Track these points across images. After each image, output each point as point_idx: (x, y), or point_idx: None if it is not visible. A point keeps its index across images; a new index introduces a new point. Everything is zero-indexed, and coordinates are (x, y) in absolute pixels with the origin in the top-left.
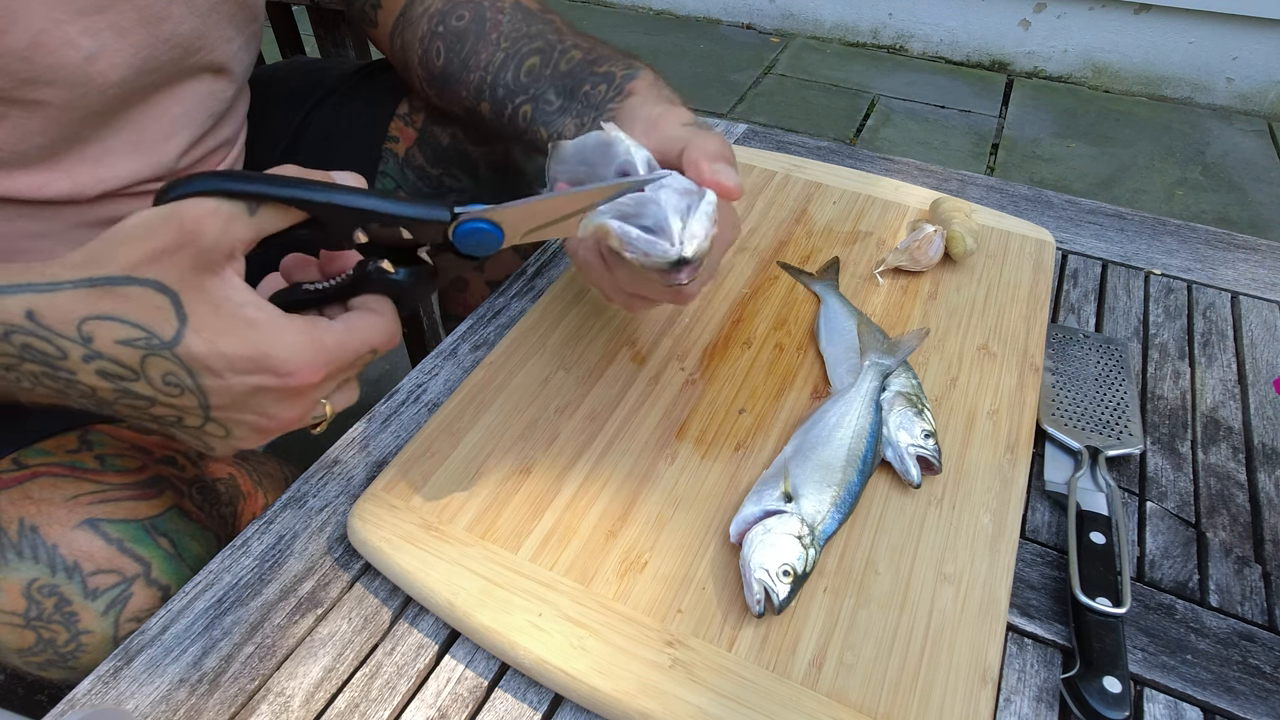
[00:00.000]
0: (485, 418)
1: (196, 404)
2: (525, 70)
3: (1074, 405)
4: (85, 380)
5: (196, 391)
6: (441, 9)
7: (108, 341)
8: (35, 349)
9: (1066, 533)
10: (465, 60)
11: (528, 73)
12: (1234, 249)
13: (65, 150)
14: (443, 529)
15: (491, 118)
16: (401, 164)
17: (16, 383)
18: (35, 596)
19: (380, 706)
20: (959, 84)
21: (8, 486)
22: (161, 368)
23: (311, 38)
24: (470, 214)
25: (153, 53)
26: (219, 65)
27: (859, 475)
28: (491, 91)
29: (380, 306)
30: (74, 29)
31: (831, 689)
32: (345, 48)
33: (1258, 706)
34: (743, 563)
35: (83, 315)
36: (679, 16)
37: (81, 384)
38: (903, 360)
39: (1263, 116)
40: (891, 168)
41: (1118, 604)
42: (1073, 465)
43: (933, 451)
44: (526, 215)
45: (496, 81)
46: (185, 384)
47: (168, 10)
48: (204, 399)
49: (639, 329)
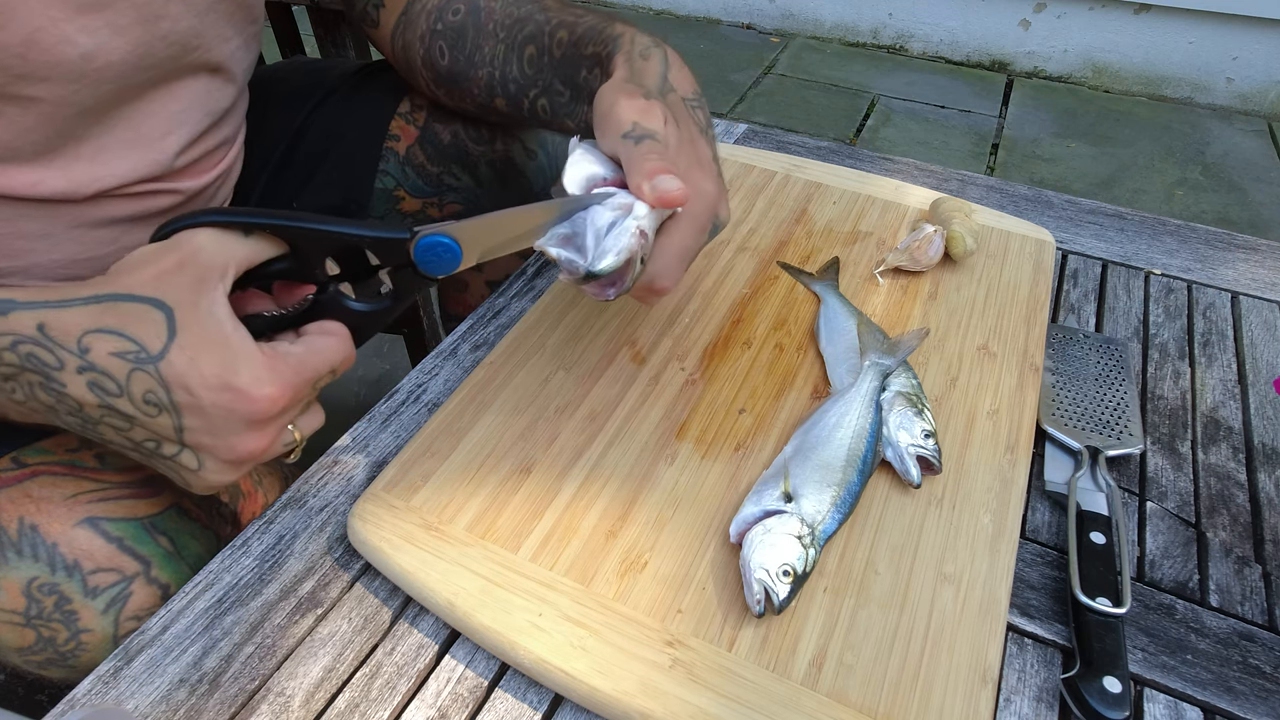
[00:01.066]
0: (485, 418)
1: (171, 426)
2: (527, 60)
3: (1074, 405)
4: (75, 392)
5: (172, 410)
6: (438, 5)
7: (102, 353)
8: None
9: (1066, 533)
10: (470, 57)
11: (530, 63)
12: (1234, 249)
13: (61, 147)
14: (443, 529)
15: (511, 112)
16: (402, 162)
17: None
18: (35, 595)
19: (380, 706)
20: (959, 84)
21: (7, 485)
22: (144, 384)
23: (311, 38)
24: (428, 229)
25: (149, 50)
26: (216, 64)
27: (859, 475)
28: (503, 88)
29: (335, 329)
30: (71, 27)
31: (831, 689)
32: (345, 48)
33: (1258, 706)
34: (743, 563)
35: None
36: (679, 16)
37: (71, 398)
38: (903, 360)
39: (1263, 116)
40: (891, 168)
41: (1118, 604)
42: (1073, 465)
43: (933, 451)
44: (481, 230)
45: (505, 77)
46: (162, 402)
47: (165, 8)
48: (178, 419)
49: (639, 329)
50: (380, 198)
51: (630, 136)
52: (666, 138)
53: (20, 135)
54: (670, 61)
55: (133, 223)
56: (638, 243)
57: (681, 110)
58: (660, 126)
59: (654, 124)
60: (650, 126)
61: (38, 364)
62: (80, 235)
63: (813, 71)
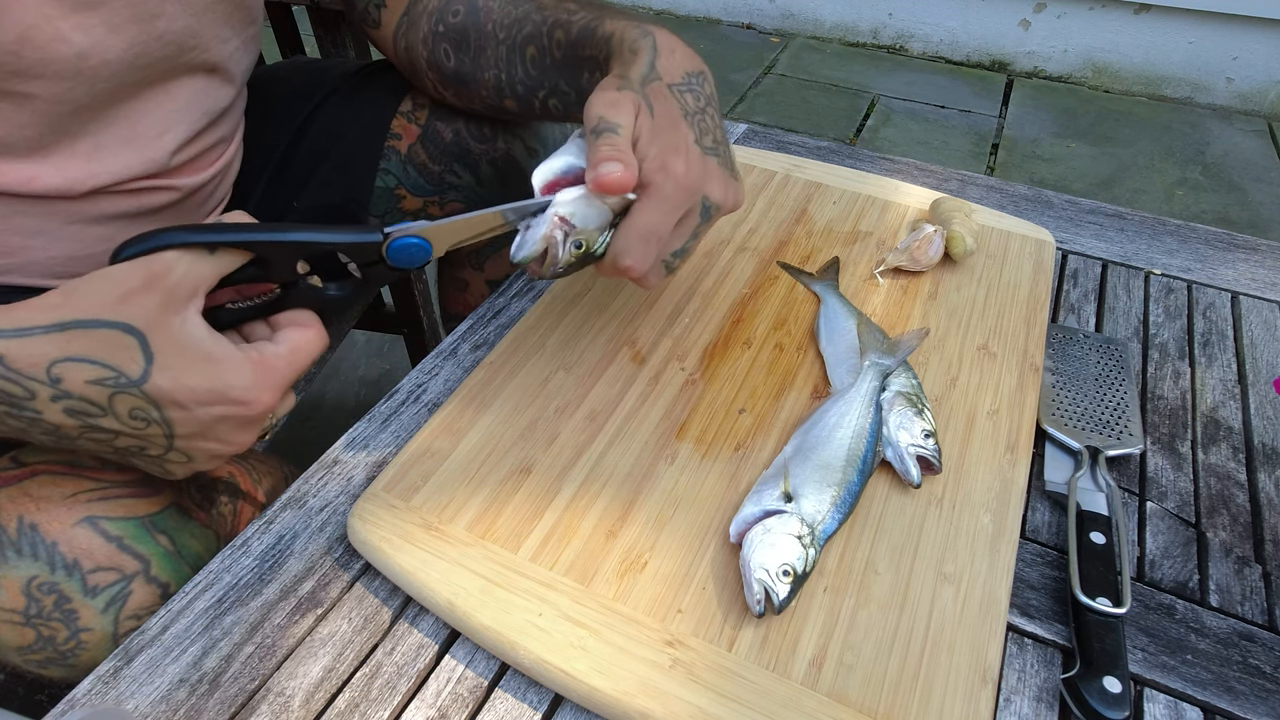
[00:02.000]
0: (485, 418)
1: (162, 434)
2: (530, 61)
3: (1074, 405)
4: (51, 419)
5: (163, 423)
6: (439, 6)
7: (78, 382)
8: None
9: (1066, 533)
10: (475, 59)
11: (533, 63)
12: (1234, 249)
13: (55, 143)
14: (443, 529)
15: (523, 111)
16: (404, 161)
17: None
18: (35, 594)
19: (380, 706)
20: (959, 84)
21: (7, 484)
22: (129, 404)
23: (311, 38)
24: (400, 231)
25: (145, 49)
26: (214, 65)
27: (859, 475)
28: (511, 89)
29: (308, 320)
30: (66, 25)
31: (831, 689)
32: (345, 48)
33: (1258, 706)
34: (743, 563)
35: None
36: (679, 16)
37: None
38: (903, 360)
39: (1263, 116)
40: (891, 168)
41: (1118, 604)
42: (1073, 465)
43: (933, 451)
44: (449, 230)
45: (512, 78)
46: (152, 417)
47: (161, 7)
48: (169, 429)
49: (639, 329)
50: (381, 196)
51: (595, 130)
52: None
53: (14, 131)
54: (660, 49)
55: (129, 219)
56: (557, 231)
57: (662, 97)
58: (625, 118)
59: (618, 116)
60: (614, 119)
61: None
62: (77, 232)
63: (813, 71)
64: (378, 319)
